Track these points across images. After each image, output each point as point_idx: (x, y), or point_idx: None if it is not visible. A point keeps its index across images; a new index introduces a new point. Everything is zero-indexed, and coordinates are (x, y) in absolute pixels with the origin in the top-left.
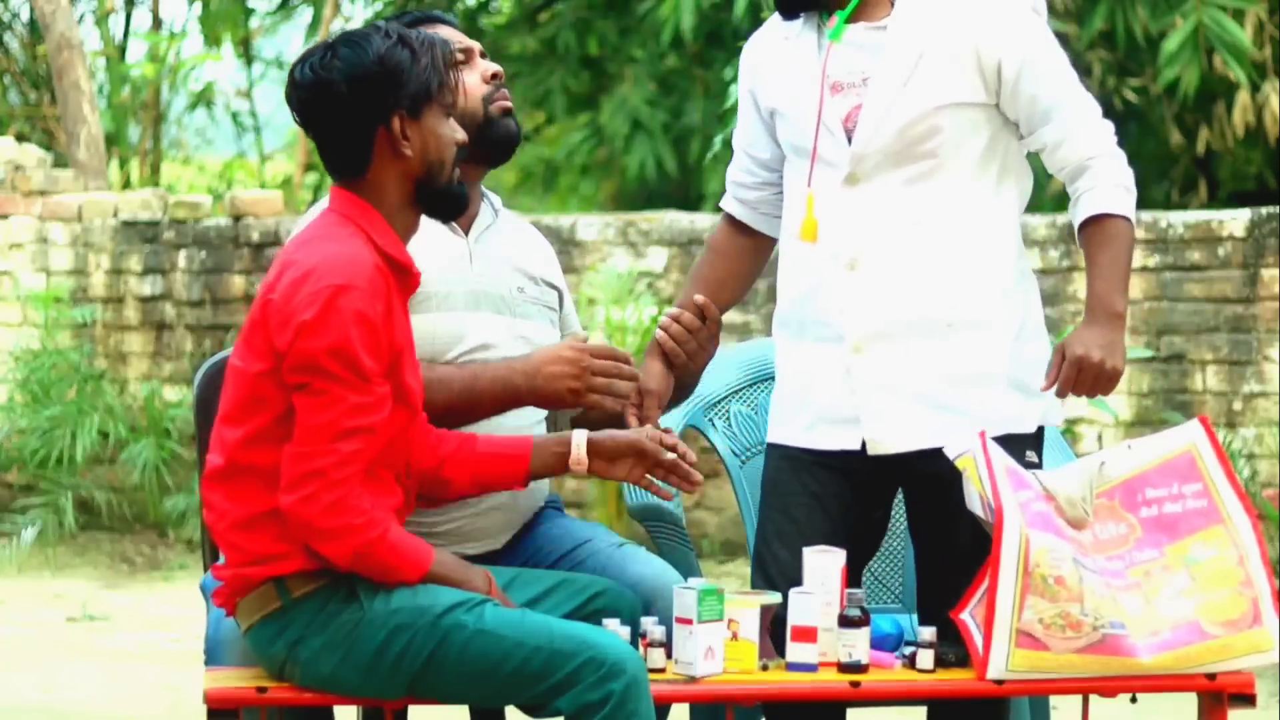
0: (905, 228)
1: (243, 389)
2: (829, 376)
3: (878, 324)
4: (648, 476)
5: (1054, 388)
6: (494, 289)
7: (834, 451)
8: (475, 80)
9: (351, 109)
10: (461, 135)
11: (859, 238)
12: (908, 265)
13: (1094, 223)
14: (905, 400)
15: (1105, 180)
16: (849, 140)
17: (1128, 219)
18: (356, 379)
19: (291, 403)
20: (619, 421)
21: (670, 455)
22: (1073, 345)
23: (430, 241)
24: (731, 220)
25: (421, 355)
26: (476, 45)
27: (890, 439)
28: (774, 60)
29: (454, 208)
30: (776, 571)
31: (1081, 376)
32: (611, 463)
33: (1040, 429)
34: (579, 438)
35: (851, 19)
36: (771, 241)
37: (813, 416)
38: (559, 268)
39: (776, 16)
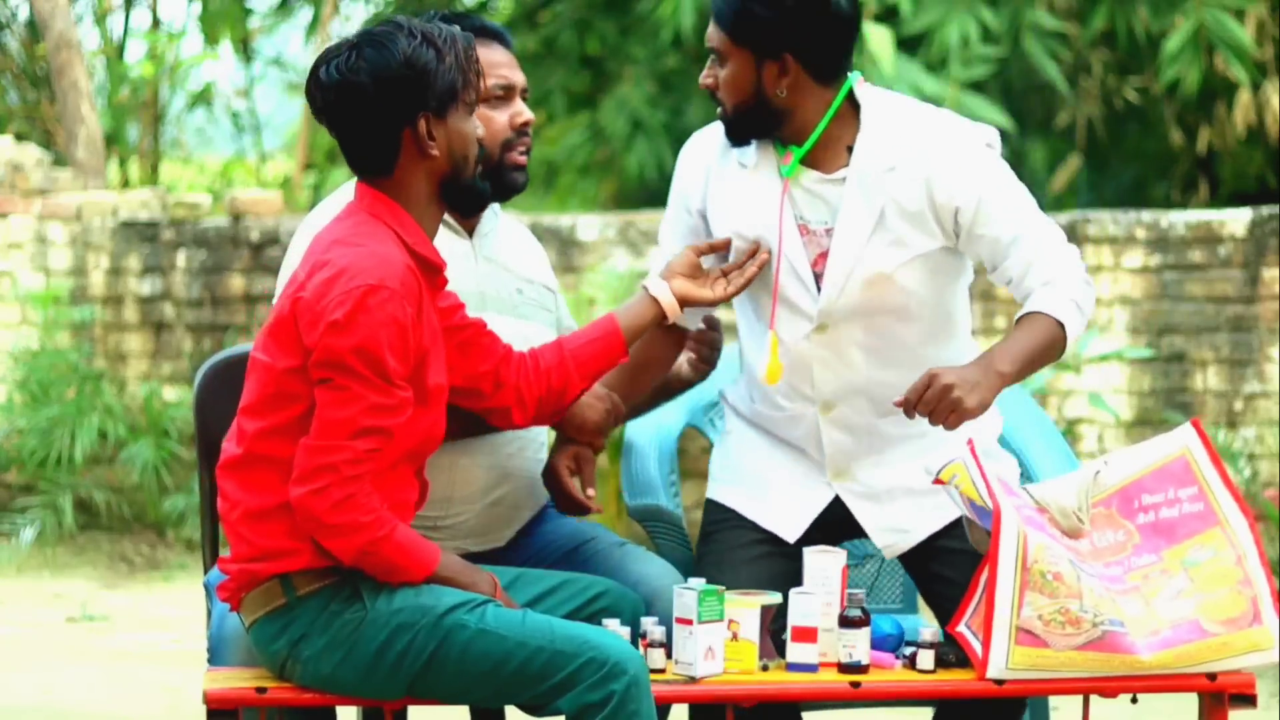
0: (877, 369)
1: (267, 383)
2: (797, 481)
3: (857, 453)
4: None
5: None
6: (498, 290)
7: (768, 531)
8: (503, 122)
9: (378, 111)
10: (482, 130)
11: (832, 384)
12: (883, 402)
13: (1031, 314)
14: (899, 500)
15: (1060, 292)
16: (818, 287)
17: (1063, 327)
18: (379, 379)
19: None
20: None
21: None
22: (939, 367)
23: (440, 240)
24: None
25: None
26: (521, 82)
27: (902, 540)
28: (731, 188)
29: (477, 202)
30: None
31: (928, 394)
32: (696, 280)
33: None
34: (655, 286)
35: (808, 163)
36: (688, 334)
37: (756, 490)
38: (551, 269)
39: (719, 127)
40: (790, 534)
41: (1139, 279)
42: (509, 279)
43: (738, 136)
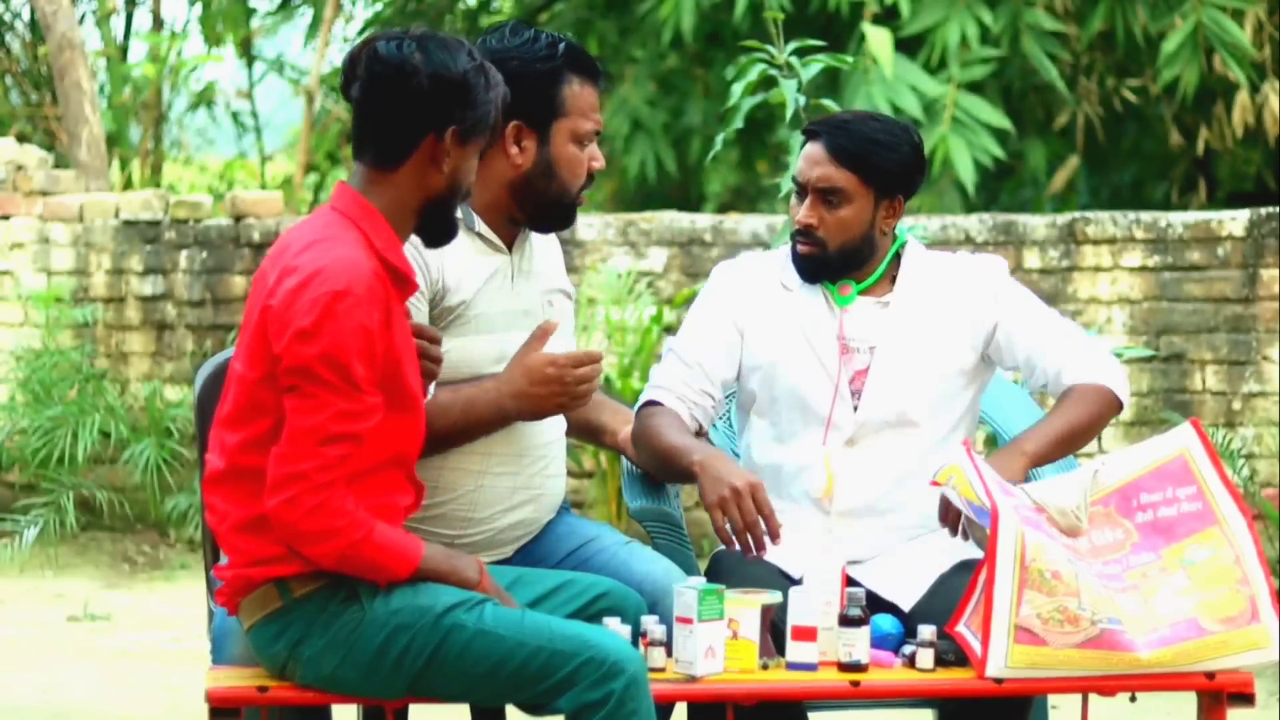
0: (893, 481)
1: (242, 394)
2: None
3: (867, 552)
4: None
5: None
6: (529, 305)
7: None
8: (585, 165)
9: (420, 105)
10: (472, 180)
11: (853, 494)
12: (894, 510)
13: (1068, 391)
14: (906, 569)
15: (1095, 366)
16: (854, 405)
17: (1114, 393)
18: (347, 386)
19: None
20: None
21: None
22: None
23: (474, 259)
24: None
25: (460, 374)
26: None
27: (910, 596)
28: (776, 309)
29: (445, 236)
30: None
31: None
32: None
33: None
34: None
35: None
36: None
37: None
38: (566, 272)
39: (764, 255)
40: (797, 571)
41: (1138, 279)
42: (540, 294)
43: (821, 274)
